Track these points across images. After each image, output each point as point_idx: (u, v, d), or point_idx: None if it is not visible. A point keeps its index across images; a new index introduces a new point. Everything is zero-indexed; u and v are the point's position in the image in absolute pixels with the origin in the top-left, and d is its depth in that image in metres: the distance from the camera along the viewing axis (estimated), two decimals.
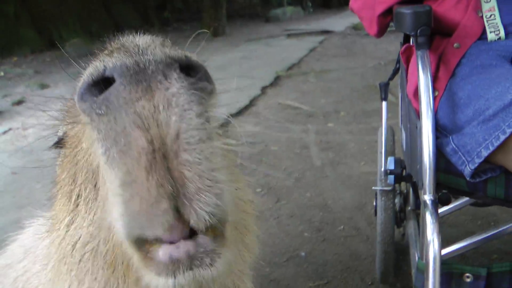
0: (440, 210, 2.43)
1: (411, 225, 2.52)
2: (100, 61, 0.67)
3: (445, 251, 1.96)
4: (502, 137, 1.45)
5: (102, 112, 0.64)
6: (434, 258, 1.56)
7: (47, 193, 1.39)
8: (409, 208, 2.73)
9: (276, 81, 8.72)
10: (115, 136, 0.64)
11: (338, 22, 17.46)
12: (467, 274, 1.71)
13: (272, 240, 3.57)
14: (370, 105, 6.48)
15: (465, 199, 2.40)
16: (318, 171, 4.73)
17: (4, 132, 7.10)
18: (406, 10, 1.70)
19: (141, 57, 0.65)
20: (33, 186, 4.85)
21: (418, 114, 1.71)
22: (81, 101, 0.67)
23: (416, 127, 1.72)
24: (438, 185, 1.76)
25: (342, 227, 3.68)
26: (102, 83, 0.65)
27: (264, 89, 8.04)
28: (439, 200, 1.76)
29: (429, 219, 1.60)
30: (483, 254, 3.13)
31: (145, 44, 0.69)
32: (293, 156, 5.16)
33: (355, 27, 14.92)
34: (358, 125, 5.85)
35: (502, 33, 1.87)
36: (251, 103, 7.19)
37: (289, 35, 15.17)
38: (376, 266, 2.89)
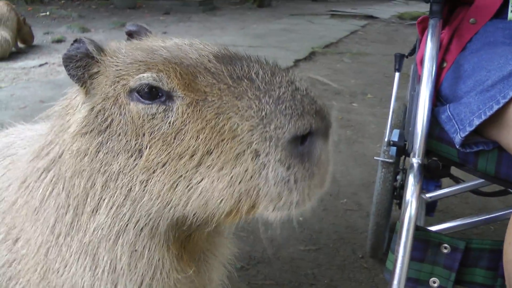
0: (440, 192, 2.41)
1: None
2: (307, 122, 1.00)
3: (435, 228, 1.96)
4: (495, 107, 1.43)
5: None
6: (409, 219, 1.57)
7: None
8: None
9: (311, 56, 8.72)
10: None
11: (384, 9, 17.16)
12: (445, 245, 1.72)
13: None
14: (398, 92, 6.40)
15: (466, 184, 2.37)
16: (334, 145, 4.70)
17: (40, 65, 7.54)
18: None
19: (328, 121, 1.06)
20: None
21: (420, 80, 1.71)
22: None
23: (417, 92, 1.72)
24: (430, 153, 1.76)
25: (344, 200, 3.70)
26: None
27: (297, 62, 8.06)
28: (428, 167, 1.75)
29: (411, 181, 1.60)
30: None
31: (328, 112, 1.07)
32: None
33: (400, 16, 14.65)
34: (382, 109, 5.79)
35: None
36: None
37: (332, 15, 15.02)
38: (367, 238, 2.90)
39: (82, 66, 1.16)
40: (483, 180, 2.03)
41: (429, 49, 1.66)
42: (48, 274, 1.26)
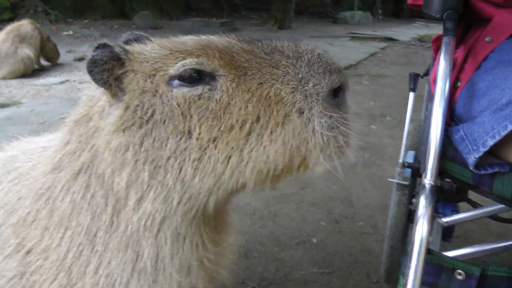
0: (457, 217, 2.34)
1: None
2: (336, 78, 1.18)
3: (451, 253, 1.90)
4: (510, 127, 1.38)
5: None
6: (421, 241, 1.51)
7: None
8: None
9: None
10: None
11: (404, 32, 17.17)
12: (459, 271, 1.65)
13: (288, 222, 3.57)
14: (418, 114, 6.35)
15: (484, 209, 2.30)
16: (350, 167, 4.67)
17: (61, 82, 7.74)
18: None
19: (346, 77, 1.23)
20: None
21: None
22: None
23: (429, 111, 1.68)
24: (443, 174, 1.70)
25: (360, 223, 3.63)
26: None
27: None
28: (441, 188, 1.70)
29: (422, 202, 1.55)
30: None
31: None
32: None
33: (420, 39, 14.63)
34: (401, 131, 5.65)
35: None
36: None
37: (352, 37, 15.06)
38: (382, 262, 2.82)
39: (107, 69, 1.20)
40: (503, 205, 1.97)
41: (442, 67, 1.62)
42: (73, 280, 1.29)
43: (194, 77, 1.19)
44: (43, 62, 8.77)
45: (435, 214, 2.53)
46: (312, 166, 1.21)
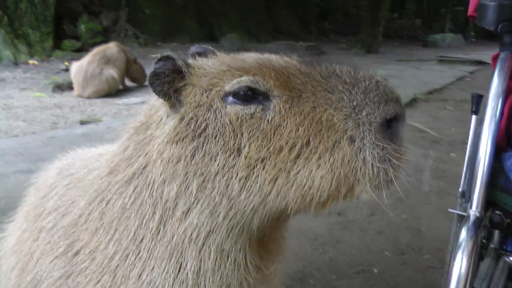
0: None
1: (486, 264, 2.22)
2: (392, 108, 1.15)
3: None
4: None
5: None
6: (459, 278, 1.35)
7: None
8: (492, 245, 2.40)
9: (412, 102, 8.45)
10: None
11: None
12: None
13: (350, 250, 3.43)
14: None
15: None
16: (423, 196, 4.43)
17: (143, 102, 7.84)
18: (490, 2, 1.51)
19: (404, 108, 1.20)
20: None
21: None
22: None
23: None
24: (494, 205, 1.53)
25: (427, 256, 3.40)
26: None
27: None
28: (490, 221, 1.52)
29: (463, 235, 1.39)
30: None
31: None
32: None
33: None
34: None
35: None
36: None
37: (440, 61, 14.51)
38: None
39: (168, 81, 1.24)
40: None
41: (495, 85, 1.47)
42: (117, 283, 1.31)
43: (249, 95, 1.20)
44: (129, 83, 9.17)
45: (503, 252, 2.31)
46: (358, 194, 1.19)
